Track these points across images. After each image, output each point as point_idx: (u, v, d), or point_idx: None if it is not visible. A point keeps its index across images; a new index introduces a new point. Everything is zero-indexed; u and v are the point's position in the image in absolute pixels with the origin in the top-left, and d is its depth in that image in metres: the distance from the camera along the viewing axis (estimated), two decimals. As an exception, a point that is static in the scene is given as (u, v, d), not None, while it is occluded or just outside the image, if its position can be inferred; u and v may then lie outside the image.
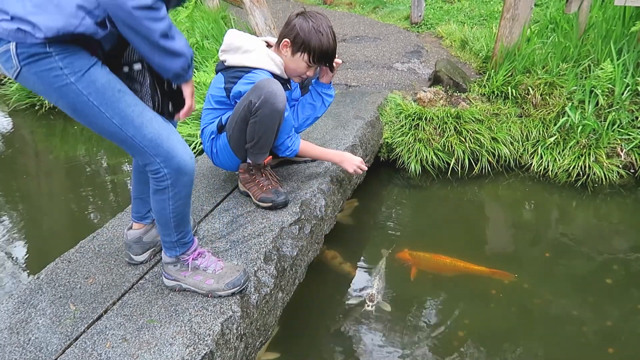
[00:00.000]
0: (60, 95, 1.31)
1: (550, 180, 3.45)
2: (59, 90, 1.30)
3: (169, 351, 1.46)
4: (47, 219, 3.47)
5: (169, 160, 1.44)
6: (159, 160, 1.43)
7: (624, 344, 2.16)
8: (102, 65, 1.35)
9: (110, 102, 1.34)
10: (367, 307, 2.38)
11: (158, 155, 1.43)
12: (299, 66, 2.17)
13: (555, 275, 2.60)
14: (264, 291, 1.81)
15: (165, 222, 1.58)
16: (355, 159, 2.43)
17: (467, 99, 3.85)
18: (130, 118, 1.37)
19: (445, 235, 3.01)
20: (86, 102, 1.32)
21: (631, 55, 3.63)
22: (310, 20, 2.09)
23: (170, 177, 1.46)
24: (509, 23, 3.85)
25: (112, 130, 1.38)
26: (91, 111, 1.34)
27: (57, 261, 1.94)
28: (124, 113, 1.37)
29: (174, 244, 1.65)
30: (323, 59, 2.16)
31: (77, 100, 1.32)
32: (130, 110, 1.38)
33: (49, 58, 1.24)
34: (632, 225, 3.08)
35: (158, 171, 1.45)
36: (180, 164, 1.45)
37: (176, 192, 1.51)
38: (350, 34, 5.85)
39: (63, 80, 1.28)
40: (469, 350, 2.15)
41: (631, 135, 3.42)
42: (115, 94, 1.35)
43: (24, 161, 4.54)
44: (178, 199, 1.53)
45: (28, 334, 1.57)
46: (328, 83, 2.41)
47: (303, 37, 2.09)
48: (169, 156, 1.43)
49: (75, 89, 1.29)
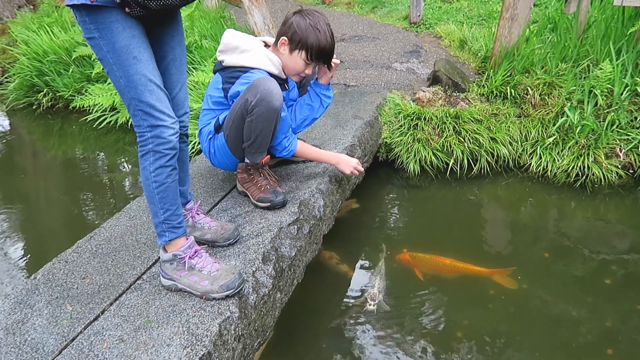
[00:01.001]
0: (90, 45, 1.50)
1: (549, 181, 3.44)
2: (89, 40, 1.49)
3: (166, 352, 1.45)
4: (44, 218, 3.46)
5: (153, 128, 1.56)
6: (145, 125, 1.56)
7: (622, 344, 2.16)
8: (128, 28, 1.48)
9: (123, 65, 1.49)
10: (368, 306, 2.37)
11: (146, 120, 1.56)
12: (297, 64, 2.16)
13: (554, 276, 2.59)
14: (262, 292, 1.80)
15: (151, 196, 1.64)
16: (352, 161, 2.43)
17: (466, 99, 3.84)
18: (135, 84, 1.51)
19: (443, 236, 3.00)
20: (104, 56, 1.49)
21: (630, 55, 3.62)
22: (308, 17, 2.08)
23: (152, 142, 1.58)
24: (507, 23, 3.84)
25: (118, 87, 1.54)
26: (107, 66, 1.51)
27: (54, 261, 1.93)
28: (132, 78, 1.51)
29: (162, 226, 1.66)
30: (321, 57, 2.15)
31: (98, 53, 1.50)
32: (138, 77, 1.51)
33: (80, 10, 1.42)
34: (631, 226, 3.08)
35: (143, 134, 1.58)
36: (163, 132, 1.57)
37: (157, 158, 1.60)
38: (349, 34, 5.85)
39: (90, 33, 1.46)
40: (467, 351, 2.14)
41: (630, 136, 3.41)
42: (130, 60, 1.49)
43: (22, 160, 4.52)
44: (159, 166, 1.60)
45: (24, 335, 1.56)
46: (327, 84, 2.40)
47: (300, 35, 2.08)
48: (155, 124, 1.56)
49: (98, 43, 1.47)
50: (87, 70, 5.08)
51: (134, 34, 1.49)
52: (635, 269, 2.62)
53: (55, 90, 5.25)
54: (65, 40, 5.27)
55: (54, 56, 5.22)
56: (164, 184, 1.63)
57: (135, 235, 2.10)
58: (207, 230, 1.95)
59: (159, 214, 1.65)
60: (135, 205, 2.39)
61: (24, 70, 5.34)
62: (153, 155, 1.59)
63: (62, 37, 5.29)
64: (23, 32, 5.65)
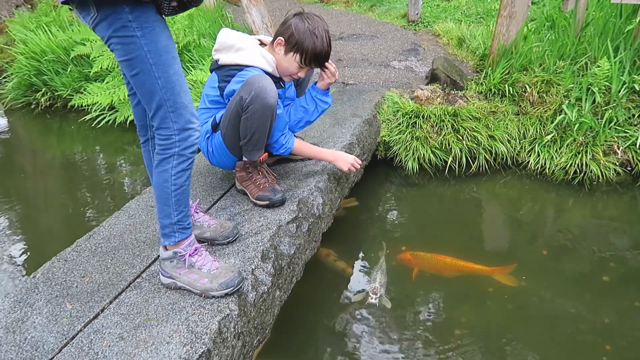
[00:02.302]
0: (123, 44, 1.41)
1: (547, 178, 3.45)
2: (124, 40, 1.40)
3: (166, 350, 1.46)
4: (43, 217, 3.46)
5: (183, 131, 1.53)
6: (175, 127, 1.52)
7: (621, 341, 2.17)
8: (165, 27, 1.47)
9: (164, 65, 1.45)
10: (370, 299, 2.39)
11: (177, 122, 1.52)
12: (291, 66, 2.17)
13: (552, 273, 2.60)
14: (262, 289, 1.81)
15: (166, 198, 1.61)
16: (349, 157, 2.43)
17: (465, 97, 3.85)
18: (172, 84, 1.49)
19: (442, 233, 3.01)
20: (143, 57, 1.42)
21: (628, 52, 3.63)
22: (307, 21, 2.09)
23: (178, 145, 1.54)
24: (506, 21, 3.85)
25: (152, 88, 1.47)
26: (144, 66, 1.44)
27: (53, 260, 1.93)
28: (171, 78, 1.48)
29: (173, 227, 1.65)
30: (315, 62, 2.16)
31: (137, 53, 1.42)
32: (176, 78, 1.49)
33: (121, 8, 1.35)
34: (629, 223, 3.09)
35: (170, 137, 1.53)
36: (191, 135, 1.55)
37: (180, 162, 1.57)
38: (347, 32, 5.85)
39: (130, 32, 1.38)
40: (466, 348, 2.15)
41: (628, 133, 3.42)
42: (170, 60, 1.46)
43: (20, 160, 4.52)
44: (181, 169, 1.58)
45: (24, 333, 1.56)
46: (324, 89, 2.40)
47: (297, 38, 2.09)
48: (185, 127, 1.53)
49: (138, 42, 1.40)
50: (86, 70, 5.08)
51: (169, 34, 1.48)
52: (633, 265, 2.63)
53: (54, 89, 5.24)
54: (63, 40, 5.26)
55: (52, 55, 5.21)
56: (182, 187, 1.61)
57: (135, 233, 2.11)
58: (206, 228, 1.96)
59: (172, 216, 1.64)
60: (135, 204, 2.39)
61: (22, 69, 5.33)
62: (177, 159, 1.56)
63: (60, 37, 5.28)
64: (21, 31, 5.64)
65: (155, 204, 1.66)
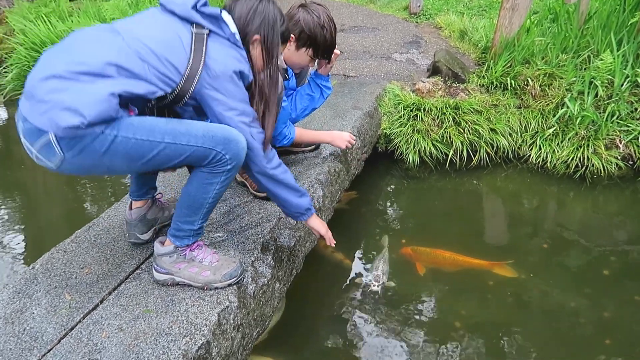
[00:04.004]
0: (110, 156, 1.34)
1: (548, 172, 3.44)
2: (107, 152, 1.32)
3: (165, 341, 1.45)
4: (43, 209, 3.45)
5: (227, 144, 1.46)
6: (219, 149, 1.45)
7: (620, 334, 2.17)
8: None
9: (153, 128, 1.37)
10: (372, 287, 2.42)
11: (217, 144, 1.45)
12: (303, 60, 2.20)
13: (553, 266, 2.60)
14: (261, 282, 1.80)
15: (199, 207, 1.57)
16: (344, 134, 2.50)
17: (466, 90, 3.83)
18: (176, 129, 1.41)
19: (443, 226, 3.00)
20: (135, 142, 1.35)
21: (631, 46, 3.61)
22: (314, 14, 2.10)
23: (232, 161, 1.49)
24: (508, 13, 3.82)
25: (169, 151, 1.40)
26: (145, 147, 1.37)
27: (52, 251, 1.93)
28: (169, 128, 1.40)
29: (191, 232, 1.63)
30: (327, 54, 2.20)
31: (128, 147, 1.34)
32: (171, 125, 1.41)
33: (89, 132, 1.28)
34: (630, 217, 3.08)
35: (221, 159, 1.47)
36: (238, 145, 1.48)
37: (229, 177, 1.53)
38: (349, 24, 5.81)
39: (107, 140, 1.30)
40: (465, 341, 2.15)
41: (630, 127, 3.41)
42: (152, 121, 1.39)
43: (20, 152, 4.51)
44: (225, 182, 1.55)
45: (23, 324, 1.56)
46: (326, 75, 2.41)
47: (309, 34, 2.10)
48: (227, 140, 1.46)
49: (121, 139, 1.32)
50: (85, 61, 5.05)
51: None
52: (634, 259, 2.63)
53: (54, 80, 5.21)
54: (63, 30, 5.22)
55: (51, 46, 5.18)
56: (218, 197, 1.59)
57: (134, 225, 2.10)
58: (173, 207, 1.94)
59: (196, 223, 1.61)
60: (134, 195, 2.38)
61: (21, 60, 5.29)
62: (226, 175, 1.52)
63: (60, 27, 5.25)
64: (20, 21, 5.60)
65: (178, 209, 1.61)
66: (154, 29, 1.44)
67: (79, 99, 1.25)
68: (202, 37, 1.45)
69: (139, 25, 1.44)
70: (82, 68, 1.29)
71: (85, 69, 1.29)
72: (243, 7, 1.57)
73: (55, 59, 1.33)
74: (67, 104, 1.25)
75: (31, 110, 1.29)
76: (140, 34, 1.39)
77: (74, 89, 1.26)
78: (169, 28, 1.44)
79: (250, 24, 1.56)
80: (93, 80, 1.28)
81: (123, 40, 1.36)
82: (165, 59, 1.39)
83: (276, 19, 1.60)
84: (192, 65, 1.43)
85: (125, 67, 1.33)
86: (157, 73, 1.38)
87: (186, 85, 1.44)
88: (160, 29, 1.44)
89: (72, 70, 1.28)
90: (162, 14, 1.49)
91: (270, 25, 1.58)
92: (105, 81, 1.29)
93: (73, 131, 1.25)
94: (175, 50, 1.41)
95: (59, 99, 1.25)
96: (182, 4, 1.46)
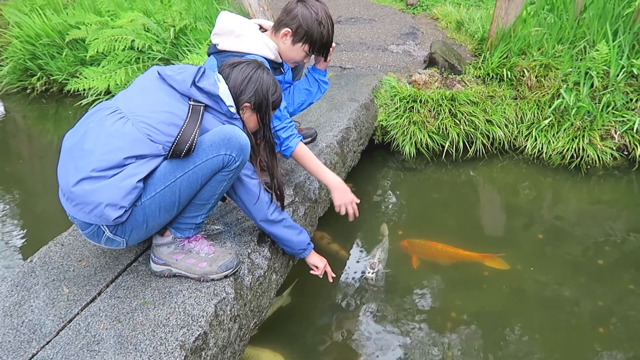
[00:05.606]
0: (151, 219, 1.55)
1: (544, 163, 3.46)
2: (146, 218, 1.54)
3: (162, 332, 1.47)
4: (40, 202, 3.46)
5: (228, 143, 1.54)
6: (224, 152, 1.54)
7: (614, 324, 2.19)
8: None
9: (163, 175, 1.52)
10: (368, 274, 2.42)
11: (220, 148, 1.53)
12: (298, 55, 2.16)
13: (548, 257, 2.62)
14: (258, 273, 1.82)
15: (205, 203, 1.64)
16: (348, 195, 2.11)
17: (462, 81, 3.83)
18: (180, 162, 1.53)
19: (439, 218, 3.02)
20: (159, 195, 1.52)
21: (627, 36, 3.61)
22: (312, 9, 2.06)
23: (239, 156, 1.57)
24: (504, 4, 3.81)
25: (187, 183, 1.54)
26: (168, 194, 1.53)
27: (50, 244, 1.94)
28: (173, 166, 1.52)
29: (193, 225, 1.68)
30: (323, 50, 2.17)
31: (156, 203, 1.53)
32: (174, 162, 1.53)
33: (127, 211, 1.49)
34: (625, 207, 3.10)
35: (230, 160, 1.56)
36: (238, 139, 1.56)
37: (237, 173, 1.62)
38: (345, 16, 5.79)
39: (139, 211, 1.52)
40: (461, 330, 2.17)
41: (625, 118, 3.42)
42: (158, 171, 1.52)
43: (17, 145, 4.51)
44: (233, 178, 1.63)
45: (22, 317, 1.57)
46: (324, 70, 2.39)
47: (306, 29, 2.07)
48: (226, 140, 1.54)
49: (148, 201, 1.52)
50: (81, 54, 5.03)
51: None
52: (628, 249, 2.65)
53: (49, 73, 5.20)
54: (58, 23, 5.20)
55: (47, 39, 5.16)
56: (223, 193, 1.66)
57: (131, 218, 2.11)
58: None
59: (199, 217, 1.67)
60: (131, 188, 2.38)
61: (16, 53, 5.28)
62: (235, 172, 1.61)
63: (55, 20, 5.22)
64: (15, 14, 5.57)
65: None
66: (158, 105, 1.54)
67: (115, 194, 1.45)
68: (199, 110, 1.56)
69: (143, 102, 1.55)
70: (105, 165, 1.45)
71: (107, 165, 1.45)
72: (238, 75, 1.68)
73: (81, 161, 1.47)
74: (108, 201, 1.45)
75: (78, 212, 1.50)
76: (147, 115, 1.51)
77: (107, 186, 1.45)
78: (171, 103, 1.55)
79: (244, 93, 1.67)
80: (117, 171, 1.46)
81: (132, 126, 1.49)
82: (169, 134, 1.51)
83: (269, 87, 1.71)
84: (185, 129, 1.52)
85: (141, 154, 1.49)
86: (163, 145, 1.52)
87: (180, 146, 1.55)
88: (162, 105, 1.54)
89: (97, 169, 1.45)
90: (162, 85, 1.58)
91: (263, 94, 1.69)
92: (127, 169, 1.47)
93: (119, 220, 1.48)
94: (176, 122, 1.52)
95: (97, 200, 1.45)
96: (182, 82, 1.56)
